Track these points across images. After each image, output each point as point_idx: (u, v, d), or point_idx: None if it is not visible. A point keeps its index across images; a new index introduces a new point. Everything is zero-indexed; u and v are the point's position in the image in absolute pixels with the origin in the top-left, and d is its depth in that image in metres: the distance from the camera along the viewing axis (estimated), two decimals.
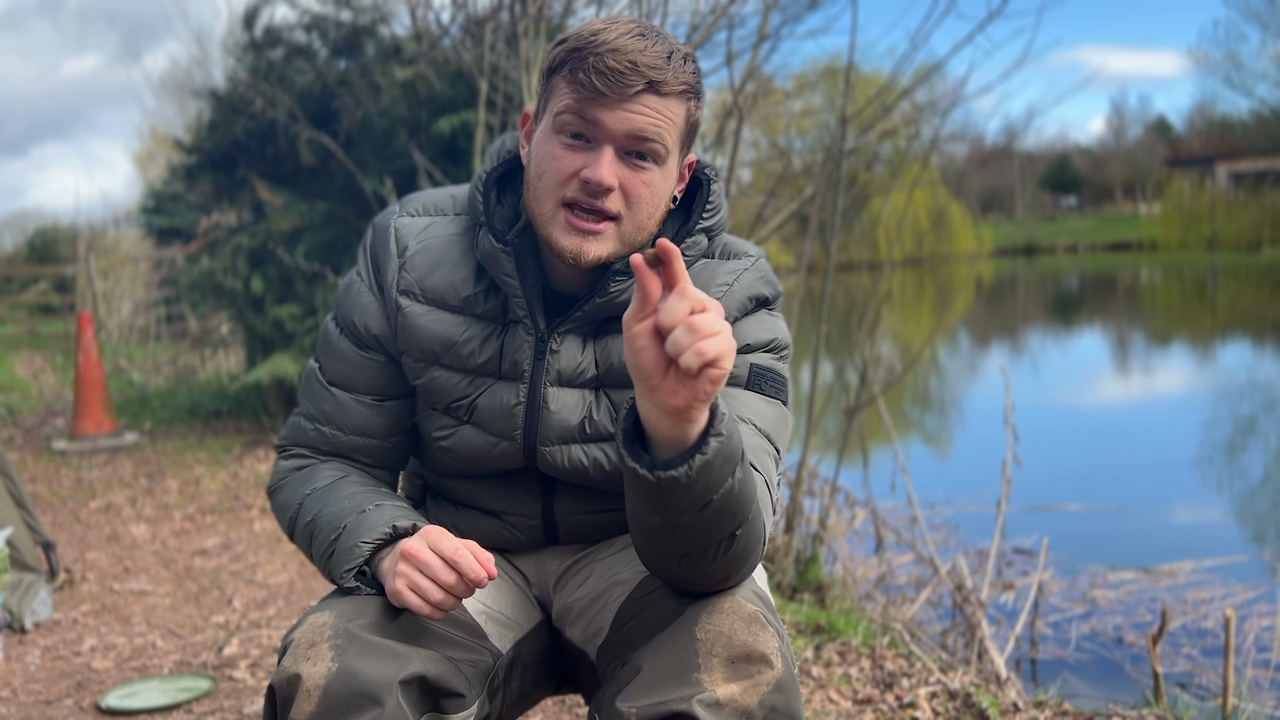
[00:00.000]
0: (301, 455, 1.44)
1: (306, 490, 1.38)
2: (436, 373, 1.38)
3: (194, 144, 7.33)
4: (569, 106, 1.24)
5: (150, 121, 26.93)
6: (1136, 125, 68.77)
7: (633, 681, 1.15)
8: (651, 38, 1.23)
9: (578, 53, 1.22)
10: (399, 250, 1.38)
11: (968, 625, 3.50)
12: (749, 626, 1.16)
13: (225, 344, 9.83)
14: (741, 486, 1.11)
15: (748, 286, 1.35)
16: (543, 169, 1.27)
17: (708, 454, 1.05)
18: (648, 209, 1.27)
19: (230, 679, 2.88)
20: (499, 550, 1.50)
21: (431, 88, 6.25)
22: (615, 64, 1.20)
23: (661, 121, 1.23)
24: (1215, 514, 5.53)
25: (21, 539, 3.44)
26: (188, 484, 5.70)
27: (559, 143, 1.25)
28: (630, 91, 1.21)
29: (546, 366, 1.34)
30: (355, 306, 1.40)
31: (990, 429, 6.87)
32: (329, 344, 1.43)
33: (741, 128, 4.36)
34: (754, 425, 1.29)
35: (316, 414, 1.42)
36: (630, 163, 1.25)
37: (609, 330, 1.36)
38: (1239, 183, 43.82)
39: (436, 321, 1.36)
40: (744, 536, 1.15)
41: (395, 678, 1.15)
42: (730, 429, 1.07)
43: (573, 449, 1.37)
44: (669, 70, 1.22)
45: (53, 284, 17.64)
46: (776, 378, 1.33)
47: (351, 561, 1.26)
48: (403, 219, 1.41)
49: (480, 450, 1.39)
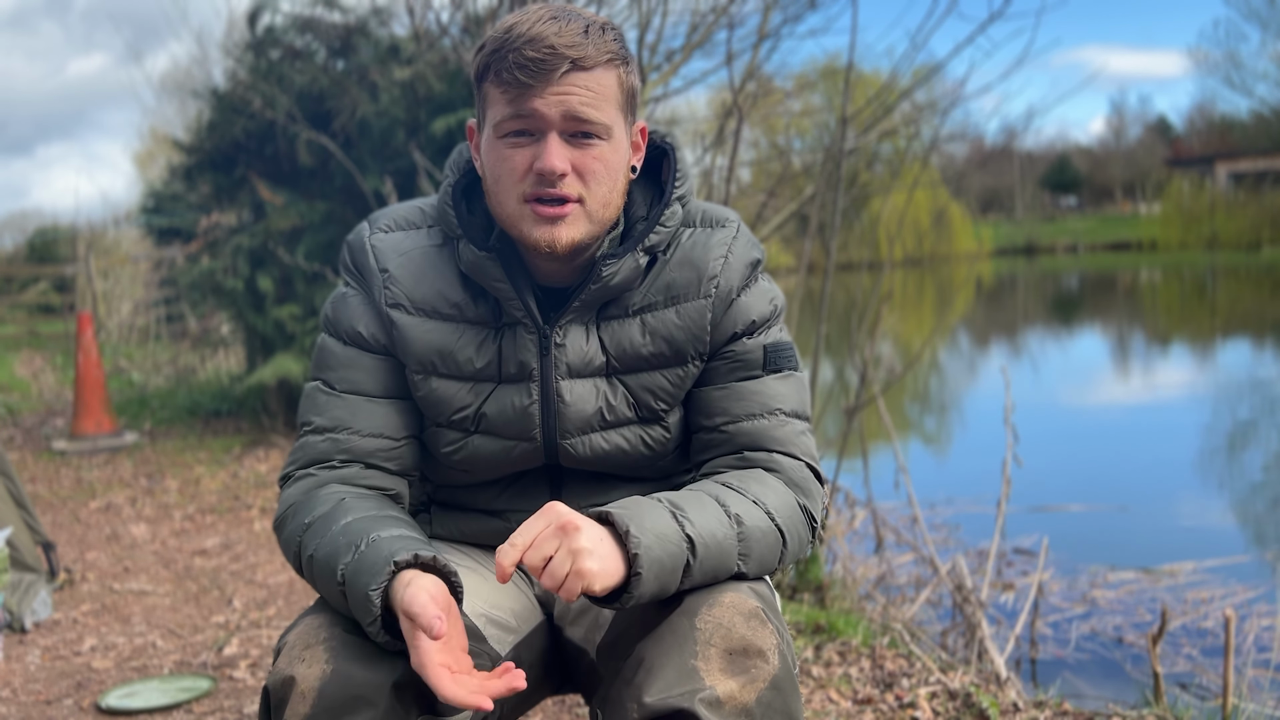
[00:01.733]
0: (309, 475, 1.36)
1: (306, 520, 1.30)
2: (436, 383, 1.37)
3: (194, 144, 7.33)
4: (503, 108, 1.26)
5: (150, 121, 26.95)
6: (1136, 125, 68.84)
7: (634, 677, 1.15)
8: (565, 18, 1.24)
9: (497, 53, 1.24)
10: (380, 267, 1.37)
11: (968, 625, 3.50)
12: (748, 621, 1.17)
13: (225, 344, 9.83)
14: (708, 560, 1.20)
15: (742, 254, 1.38)
16: (497, 173, 1.28)
17: (633, 594, 1.14)
18: (607, 184, 1.29)
19: (230, 679, 2.88)
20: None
21: (430, 87, 6.25)
22: (534, 53, 1.21)
23: (594, 96, 1.25)
24: (1215, 514, 5.53)
25: (21, 539, 3.44)
26: (188, 484, 5.70)
27: (504, 145, 1.27)
28: (556, 75, 1.22)
29: (555, 361, 1.35)
30: (355, 317, 1.38)
31: (990, 429, 6.87)
32: (332, 358, 1.39)
33: (741, 127, 4.36)
34: (781, 412, 1.36)
35: (328, 424, 1.37)
36: (577, 143, 1.26)
37: (611, 316, 1.36)
38: (1239, 183, 43.83)
39: (430, 331, 1.36)
40: (746, 569, 1.26)
41: (389, 680, 1.15)
42: (645, 561, 1.14)
43: (594, 437, 1.37)
44: (589, 44, 1.24)
45: (53, 284, 17.65)
46: (786, 348, 1.40)
47: (369, 617, 1.17)
48: (377, 236, 1.40)
49: (496, 456, 1.39)
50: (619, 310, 1.36)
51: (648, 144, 1.40)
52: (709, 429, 1.38)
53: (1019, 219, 56.85)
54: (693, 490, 1.28)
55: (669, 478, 1.46)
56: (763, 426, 1.36)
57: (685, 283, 1.35)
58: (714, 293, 1.35)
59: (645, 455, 1.40)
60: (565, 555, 1.10)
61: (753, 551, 1.26)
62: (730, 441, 1.36)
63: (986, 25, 4.20)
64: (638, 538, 1.14)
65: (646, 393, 1.37)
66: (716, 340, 1.36)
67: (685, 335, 1.35)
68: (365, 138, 6.40)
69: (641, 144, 1.37)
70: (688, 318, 1.35)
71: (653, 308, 1.36)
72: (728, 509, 1.25)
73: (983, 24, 4.20)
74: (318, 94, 6.56)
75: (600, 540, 1.13)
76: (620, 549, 1.14)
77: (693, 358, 1.37)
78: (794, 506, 1.32)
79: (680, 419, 1.41)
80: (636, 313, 1.36)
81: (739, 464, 1.36)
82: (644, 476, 1.44)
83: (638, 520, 1.16)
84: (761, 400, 1.36)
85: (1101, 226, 51.28)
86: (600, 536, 1.13)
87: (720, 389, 1.38)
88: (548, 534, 1.11)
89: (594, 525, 1.14)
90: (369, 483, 1.37)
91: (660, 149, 1.41)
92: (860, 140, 4.55)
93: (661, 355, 1.36)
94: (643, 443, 1.39)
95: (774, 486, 1.32)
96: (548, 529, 1.12)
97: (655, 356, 1.36)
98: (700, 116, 9.96)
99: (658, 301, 1.36)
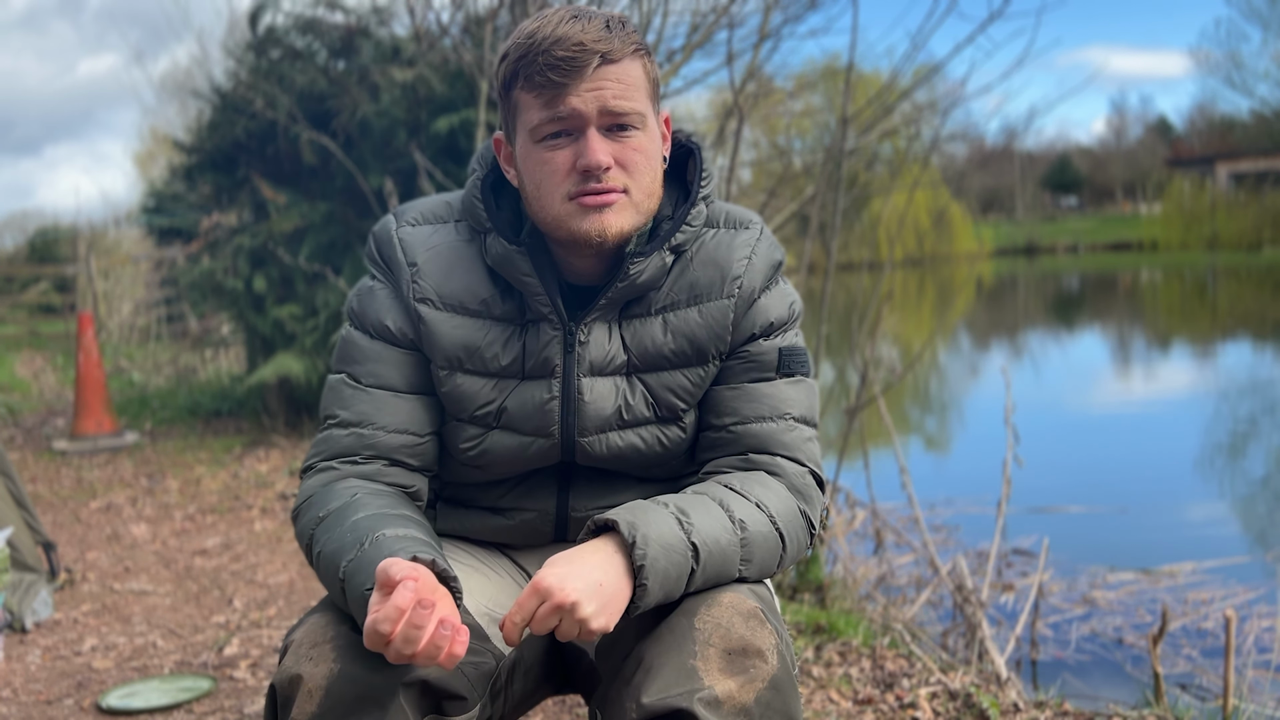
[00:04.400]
0: (330, 468, 1.36)
1: (320, 514, 1.30)
2: (460, 379, 1.37)
3: (194, 144, 7.33)
4: (538, 111, 1.26)
5: (151, 121, 26.97)
6: (1137, 125, 68.82)
7: (633, 677, 1.16)
8: (585, 16, 1.26)
9: (524, 59, 1.25)
10: (408, 260, 1.37)
11: (968, 626, 3.50)
12: (747, 621, 1.18)
13: (225, 344, 9.83)
14: (711, 565, 1.21)
15: (765, 255, 1.39)
16: (539, 178, 1.28)
17: (639, 605, 1.16)
18: (649, 173, 1.30)
19: (230, 679, 2.88)
20: (506, 548, 1.50)
21: (431, 88, 6.25)
22: (564, 52, 1.22)
23: (625, 87, 1.26)
24: (1215, 515, 5.53)
25: (22, 539, 3.44)
26: (188, 484, 5.71)
27: (544, 149, 1.27)
28: (588, 70, 1.23)
29: (578, 358, 1.35)
30: (383, 310, 1.38)
31: (990, 429, 6.87)
32: (358, 351, 1.38)
33: (742, 127, 4.36)
34: (790, 416, 1.37)
35: (352, 418, 1.36)
36: (615, 136, 1.27)
37: (633, 315, 1.36)
38: (1239, 183, 43.80)
39: (458, 328, 1.36)
40: (747, 573, 1.27)
41: (397, 680, 1.15)
42: (650, 573, 1.15)
43: (611, 436, 1.37)
44: (614, 38, 1.25)
45: (53, 284, 17.65)
46: (800, 353, 1.40)
47: (364, 616, 1.14)
48: (404, 229, 1.40)
49: (513, 452, 1.38)
50: (642, 309, 1.36)
51: (673, 144, 1.40)
52: (717, 428, 1.38)
53: (1019, 219, 56.82)
54: (697, 493, 1.28)
55: (678, 478, 1.45)
56: (770, 430, 1.36)
57: (709, 282, 1.36)
58: (737, 293, 1.36)
59: (659, 454, 1.40)
60: (571, 624, 1.12)
61: (754, 557, 1.26)
62: (737, 442, 1.37)
63: (986, 25, 4.20)
64: (643, 550, 1.15)
65: (667, 392, 1.37)
66: (735, 340, 1.37)
67: (707, 334, 1.36)
68: (366, 138, 6.40)
69: (668, 134, 1.38)
70: (710, 317, 1.36)
71: (675, 307, 1.36)
72: (731, 514, 1.25)
73: (983, 24, 4.20)
74: (319, 94, 6.56)
75: (598, 590, 1.12)
76: (625, 559, 1.15)
77: (714, 357, 1.37)
78: (795, 511, 1.33)
79: (695, 419, 1.41)
80: (659, 311, 1.36)
81: (743, 465, 1.36)
82: (653, 477, 1.44)
83: (643, 530, 1.16)
84: (772, 403, 1.37)
85: (1102, 227, 51.26)
86: (599, 583, 1.13)
87: (732, 389, 1.38)
88: (544, 613, 1.12)
89: (594, 578, 1.13)
90: (390, 479, 1.36)
91: (685, 149, 1.41)
92: (861, 140, 4.55)
93: (683, 354, 1.36)
94: (659, 442, 1.39)
95: (776, 490, 1.32)
96: (543, 609, 1.12)
97: (676, 355, 1.36)
98: (700, 117, 9.97)
99: (680, 300, 1.36)
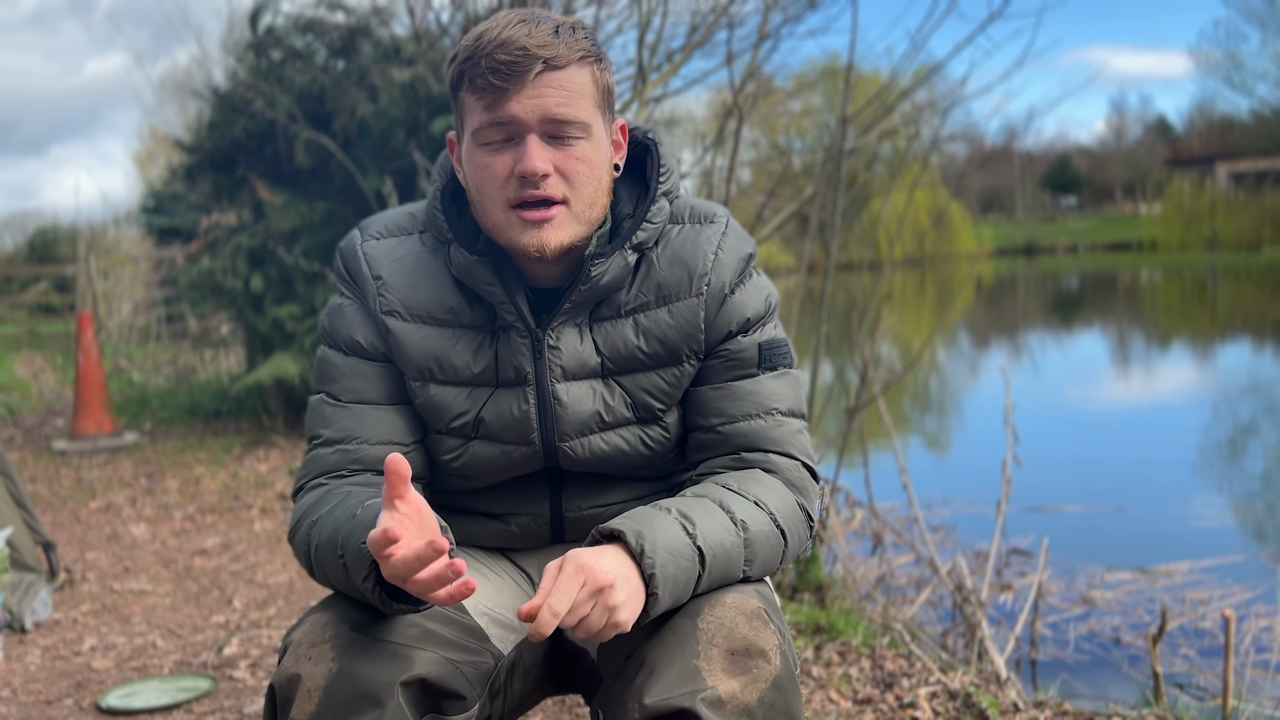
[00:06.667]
0: (320, 485, 1.36)
1: (313, 518, 1.30)
2: (434, 389, 1.36)
3: (194, 144, 7.33)
4: (480, 115, 1.25)
5: (150, 121, 26.96)
6: (1137, 125, 68.79)
7: (636, 677, 1.16)
8: (534, 20, 1.24)
9: (469, 60, 1.24)
10: (373, 274, 1.37)
11: (968, 625, 3.50)
12: (750, 622, 1.18)
13: (225, 344, 9.82)
14: (717, 569, 1.21)
15: (733, 249, 1.37)
16: (480, 182, 1.28)
17: (649, 612, 1.16)
18: (591, 184, 1.28)
19: (230, 679, 2.88)
20: (504, 550, 1.50)
21: (430, 88, 6.25)
22: (506, 56, 1.21)
23: (569, 95, 1.25)
24: (1214, 514, 5.53)
25: (21, 539, 3.44)
26: (188, 484, 5.71)
27: (485, 153, 1.27)
28: (530, 76, 1.22)
29: (549, 364, 1.34)
30: (352, 326, 1.38)
31: (990, 429, 6.87)
32: (334, 369, 1.38)
33: (741, 127, 4.36)
34: (778, 411, 1.36)
35: (336, 435, 1.36)
36: (557, 144, 1.26)
37: (603, 317, 1.36)
38: (1239, 183, 43.79)
39: (427, 338, 1.36)
40: (750, 572, 1.27)
41: (396, 679, 1.15)
42: (660, 581, 1.15)
43: (593, 439, 1.37)
44: (560, 44, 1.23)
45: (53, 284, 17.63)
46: (781, 345, 1.39)
47: (363, 572, 1.17)
48: (369, 243, 1.40)
49: (496, 461, 1.38)
50: (611, 311, 1.35)
51: (631, 141, 1.39)
52: (705, 429, 1.38)
53: (1019, 219, 56.81)
54: (697, 496, 1.28)
55: (667, 477, 1.46)
56: (759, 427, 1.36)
57: (676, 281, 1.35)
58: (705, 290, 1.34)
59: (644, 455, 1.40)
60: (601, 613, 1.11)
61: (757, 556, 1.27)
62: (727, 442, 1.37)
63: (986, 25, 4.21)
64: (652, 558, 1.15)
65: (643, 393, 1.37)
66: (711, 339, 1.36)
67: (679, 335, 1.35)
68: (365, 138, 6.40)
69: (623, 142, 1.37)
70: (680, 317, 1.35)
71: (645, 308, 1.35)
72: (733, 515, 1.25)
73: (983, 24, 4.21)
74: (318, 94, 6.56)
75: (626, 582, 1.13)
76: (635, 568, 1.15)
77: (688, 356, 1.36)
78: (793, 506, 1.33)
79: (678, 418, 1.40)
80: (629, 313, 1.35)
81: (736, 465, 1.36)
82: (643, 476, 1.44)
83: (651, 538, 1.16)
84: (758, 400, 1.36)
85: (1102, 227, 51.25)
86: (626, 576, 1.13)
87: (716, 389, 1.37)
88: (584, 596, 1.11)
89: (621, 571, 1.13)
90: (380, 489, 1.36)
91: (643, 145, 1.40)
92: (860, 140, 4.55)
93: (656, 355, 1.36)
94: (642, 443, 1.39)
95: (773, 487, 1.32)
96: (583, 591, 1.11)
97: (650, 357, 1.36)
98: (700, 117, 9.96)
99: (649, 301, 1.35)
